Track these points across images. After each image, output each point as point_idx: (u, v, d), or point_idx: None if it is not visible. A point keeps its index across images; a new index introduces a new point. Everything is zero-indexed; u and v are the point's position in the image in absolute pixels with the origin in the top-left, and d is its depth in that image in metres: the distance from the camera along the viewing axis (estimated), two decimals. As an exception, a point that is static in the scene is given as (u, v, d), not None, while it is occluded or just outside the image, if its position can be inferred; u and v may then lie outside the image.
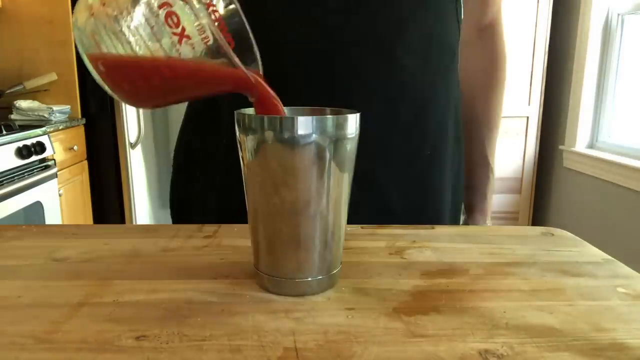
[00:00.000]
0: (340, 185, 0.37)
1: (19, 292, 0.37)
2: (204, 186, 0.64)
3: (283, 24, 0.55)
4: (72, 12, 0.34)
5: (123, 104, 2.38)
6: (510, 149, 2.76)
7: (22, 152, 1.80)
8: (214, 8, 0.38)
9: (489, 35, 0.74)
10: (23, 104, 2.12)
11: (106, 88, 0.36)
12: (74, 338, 0.31)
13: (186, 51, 0.33)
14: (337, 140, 0.35)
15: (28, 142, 1.85)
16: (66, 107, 2.22)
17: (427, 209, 0.63)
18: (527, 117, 2.71)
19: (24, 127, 1.89)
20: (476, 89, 0.74)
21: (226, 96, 0.39)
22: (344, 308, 0.36)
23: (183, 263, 0.43)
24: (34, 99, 2.21)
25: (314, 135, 0.34)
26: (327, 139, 0.34)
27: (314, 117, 0.34)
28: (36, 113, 2.11)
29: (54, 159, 2.01)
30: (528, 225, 2.79)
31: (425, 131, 0.61)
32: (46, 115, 2.10)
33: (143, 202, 2.65)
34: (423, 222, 0.56)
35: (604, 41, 2.42)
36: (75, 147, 2.22)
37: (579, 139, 2.52)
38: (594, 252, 0.48)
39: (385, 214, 0.59)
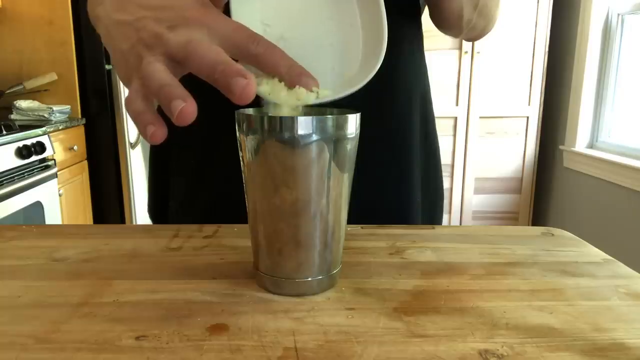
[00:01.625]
0: (340, 185, 0.37)
1: (19, 292, 0.37)
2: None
3: None
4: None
5: (123, 104, 2.38)
6: (510, 149, 2.76)
7: (22, 152, 1.80)
8: None
9: None
10: (23, 104, 2.12)
11: None
12: (74, 338, 0.31)
13: None
14: (337, 140, 0.35)
15: (28, 142, 1.84)
16: (66, 107, 2.22)
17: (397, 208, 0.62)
18: (527, 117, 2.71)
19: (24, 127, 1.89)
20: None
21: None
22: (344, 308, 0.36)
23: (183, 263, 0.43)
24: (34, 99, 2.21)
25: (314, 135, 0.34)
26: (327, 139, 0.34)
27: (314, 117, 0.34)
28: (36, 113, 2.11)
29: (54, 159, 2.01)
30: (528, 225, 2.79)
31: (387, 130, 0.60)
32: (46, 115, 2.10)
33: (143, 202, 2.65)
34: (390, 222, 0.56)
35: (604, 41, 2.42)
36: (75, 147, 2.22)
37: (579, 139, 2.52)
38: (594, 252, 0.48)
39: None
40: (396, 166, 0.62)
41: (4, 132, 1.76)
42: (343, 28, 0.41)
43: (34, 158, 1.87)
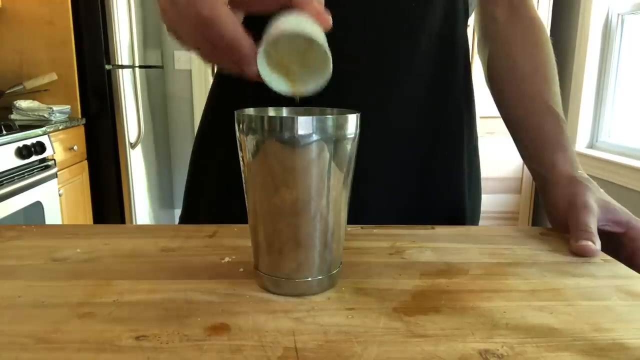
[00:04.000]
0: (340, 185, 0.37)
1: (19, 292, 0.37)
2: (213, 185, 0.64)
3: None
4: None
5: (123, 104, 2.39)
6: (510, 149, 2.73)
7: (22, 152, 1.80)
8: None
9: (523, 11, 0.70)
10: (23, 104, 2.12)
11: None
12: (74, 338, 0.31)
13: None
14: (337, 140, 0.35)
15: (28, 142, 1.84)
16: (66, 107, 2.22)
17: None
18: (527, 117, 2.70)
19: (24, 127, 1.89)
20: (517, 53, 0.69)
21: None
22: (344, 308, 0.36)
23: (183, 263, 0.43)
24: (34, 99, 2.20)
25: (314, 135, 0.34)
26: (327, 139, 0.34)
27: (314, 117, 0.34)
28: (36, 113, 2.11)
29: (54, 159, 2.01)
30: (528, 225, 2.79)
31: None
32: (46, 115, 2.10)
33: (143, 202, 2.65)
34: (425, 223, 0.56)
35: (604, 41, 2.42)
36: (75, 147, 2.22)
37: (579, 139, 2.52)
38: (594, 252, 0.48)
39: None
40: (444, 168, 0.63)
41: (4, 132, 1.76)
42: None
43: (34, 158, 1.87)
